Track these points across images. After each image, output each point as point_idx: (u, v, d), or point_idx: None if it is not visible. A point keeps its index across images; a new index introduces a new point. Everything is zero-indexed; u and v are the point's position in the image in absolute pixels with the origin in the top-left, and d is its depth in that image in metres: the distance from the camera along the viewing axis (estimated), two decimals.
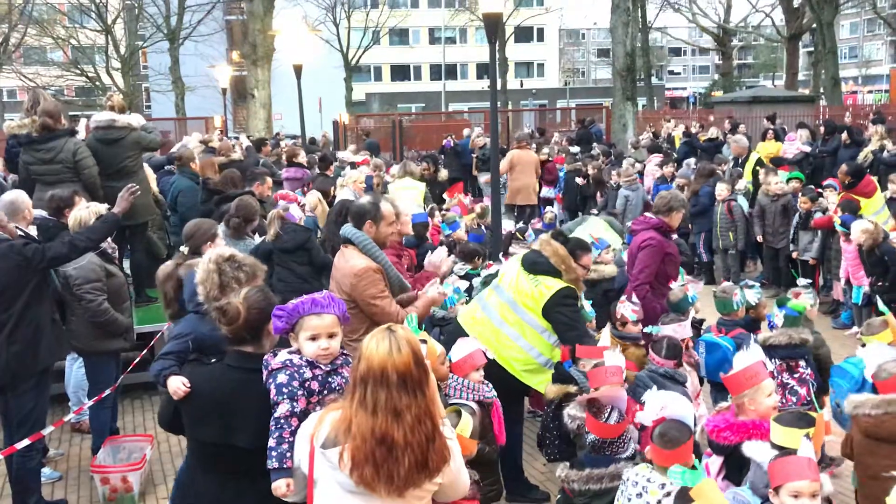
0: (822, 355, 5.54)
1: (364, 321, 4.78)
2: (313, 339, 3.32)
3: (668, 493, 3.36)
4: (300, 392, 3.23)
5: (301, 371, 3.28)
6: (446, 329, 5.96)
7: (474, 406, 4.17)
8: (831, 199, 9.94)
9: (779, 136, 14.82)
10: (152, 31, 37.78)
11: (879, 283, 8.34)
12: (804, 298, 5.56)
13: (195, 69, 35.08)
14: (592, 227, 7.60)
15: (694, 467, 3.46)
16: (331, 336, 3.34)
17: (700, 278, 9.74)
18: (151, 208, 8.66)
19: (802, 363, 5.19)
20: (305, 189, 11.15)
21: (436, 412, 2.78)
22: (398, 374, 2.70)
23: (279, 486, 3.14)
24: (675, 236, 7.11)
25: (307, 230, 7.06)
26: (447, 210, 10.19)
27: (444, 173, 14.56)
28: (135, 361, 6.47)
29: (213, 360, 3.61)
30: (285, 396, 3.21)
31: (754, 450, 3.58)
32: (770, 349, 5.18)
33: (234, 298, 3.47)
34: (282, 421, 3.19)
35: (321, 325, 3.33)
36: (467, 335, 4.87)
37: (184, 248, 5.38)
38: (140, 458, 5.90)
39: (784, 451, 3.31)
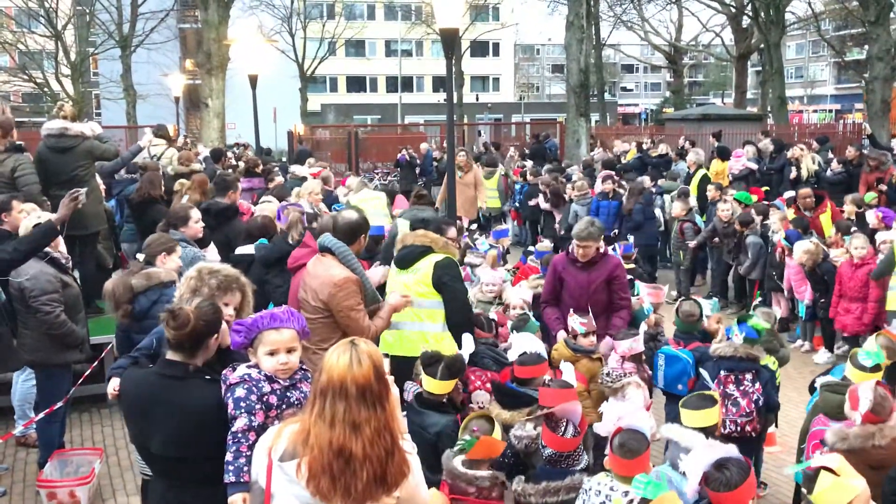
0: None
1: (336, 330, 4.81)
2: (272, 353, 3.32)
3: (632, 501, 3.41)
4: (258, 406, 3.23)
5: (259, 385, 3.27)
6: None
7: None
8: (776, 217, 10.19)
9: (722, 155, 14.95)
10: (104, 37, 37.16)
11: (822, 300, 8.60)
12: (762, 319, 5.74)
13: (147, 77, 34.62)
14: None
15: (659, 478, 3.55)
16: (290, 351, 3.35)
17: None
18: (102, 218, 8.52)
19: (749, 376, 5.33)
20: (254, 198, 11.09)
21: (395, 427, 2.78)
22: (357, 387, 2.70)
23: (235, 501, 3.13)
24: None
25: None
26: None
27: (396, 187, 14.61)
28: (85, 374, 6.34)
29: (151, 366, 3.63)
30: (243, 410, 3.21)
31: (671, 431, 3.94)
32: (718, 360, 5.40)
33: (187, 306, 3.45)
34: (239, 435, 3.18)
35: (280, 340, 3.33)
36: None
37: (139, 256, 5.39)
38: (88, 472, 5.77)
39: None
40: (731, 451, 3.57)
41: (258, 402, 3.24)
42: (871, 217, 9.49)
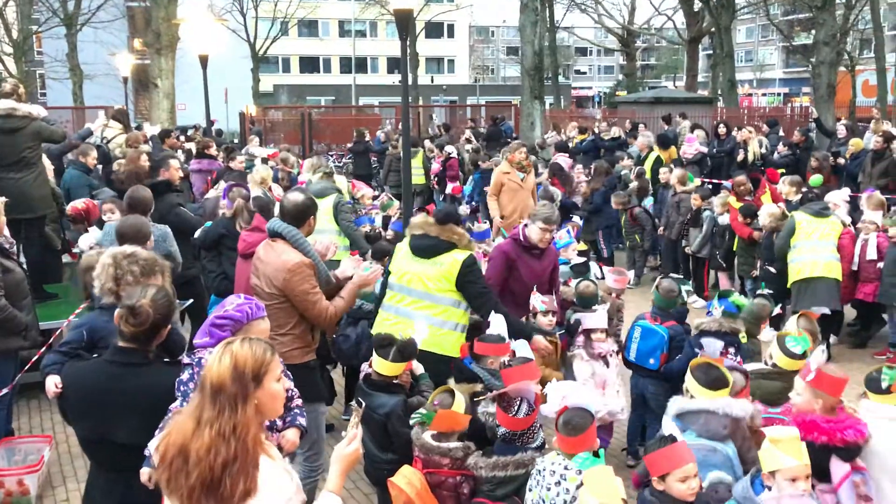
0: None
1: (293, 316, 4.77)
2: None
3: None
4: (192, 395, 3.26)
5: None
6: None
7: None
8: (718, 201, 10.35)
9: (662, 144, 14.86)
10: (48, 15, 36.06)
11: (767, 266, 8.71)
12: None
13: (94, 56, 33.83)
14: None
15: (597, 454, 3.62)
16: None
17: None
18: (49, 201, 8.33)
19: (732, 350, 5.52)
20: (209, 180, 10.95)
21: (248, 436, 2.51)
22: (212, 384, 2.52)
23: (143, 474, 3.24)
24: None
25: None
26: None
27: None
28: (32, 360, 6.21)
29: (95, 356, 3.60)
30: (179, 394, 3.31)
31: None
32: (700, 334, 5.64)
33: (143, 299, 3.41)
34: (169, 415, 3.25)
35: (267, 329, 3.44)
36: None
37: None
38: (37, 459, 5.68)
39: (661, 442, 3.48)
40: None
41: (194, 390, 3.26)
42: None
